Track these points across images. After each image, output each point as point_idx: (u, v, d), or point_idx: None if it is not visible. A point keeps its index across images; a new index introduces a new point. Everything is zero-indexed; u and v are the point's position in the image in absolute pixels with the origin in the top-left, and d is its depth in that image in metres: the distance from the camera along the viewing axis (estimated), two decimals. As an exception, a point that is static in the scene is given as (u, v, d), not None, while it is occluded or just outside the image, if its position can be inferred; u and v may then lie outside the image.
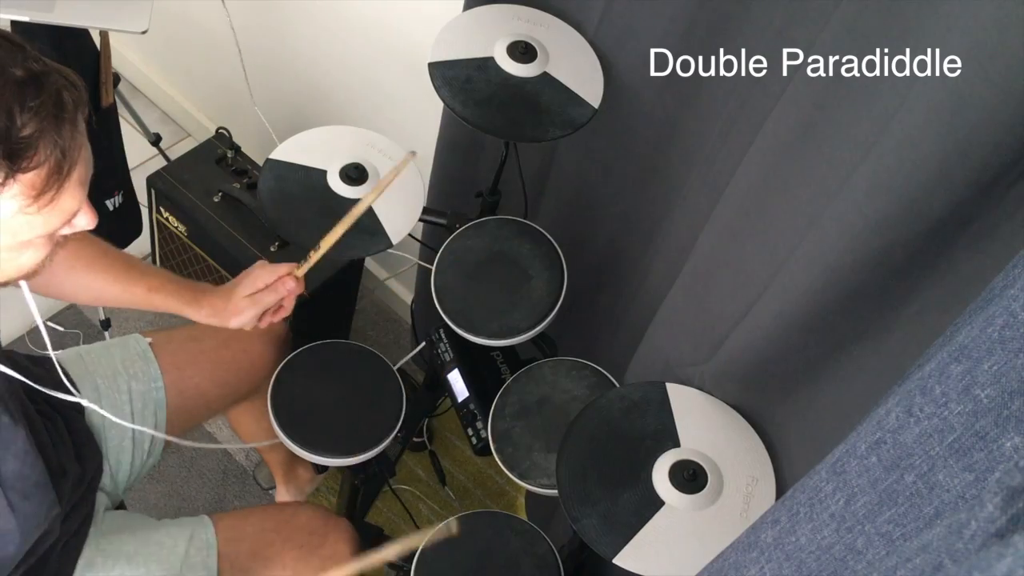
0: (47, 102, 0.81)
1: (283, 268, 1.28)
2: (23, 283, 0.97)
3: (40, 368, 1.23)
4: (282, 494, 1.86)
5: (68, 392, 1.25)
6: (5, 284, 0.92)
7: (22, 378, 1.02)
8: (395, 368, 1.46)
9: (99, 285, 1.23)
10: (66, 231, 0.91)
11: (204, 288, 1.29)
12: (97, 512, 1.25)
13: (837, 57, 0.87)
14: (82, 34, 1.79)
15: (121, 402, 1.31)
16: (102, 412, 1.19)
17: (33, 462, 1.05)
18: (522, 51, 1.28)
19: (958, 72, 0.69)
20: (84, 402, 1.15)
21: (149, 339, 1.39)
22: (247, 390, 1.48)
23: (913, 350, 0.71)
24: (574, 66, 1.30)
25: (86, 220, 0.90)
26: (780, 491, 1.08)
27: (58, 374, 1.18)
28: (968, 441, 0.52)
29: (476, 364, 1.47)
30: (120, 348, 1.35)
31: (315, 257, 1.26)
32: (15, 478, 1.02)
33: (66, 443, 1.18)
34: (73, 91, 0.84)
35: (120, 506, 1.40)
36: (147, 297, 1.26)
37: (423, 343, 1.53)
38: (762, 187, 1.01)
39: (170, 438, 1.33)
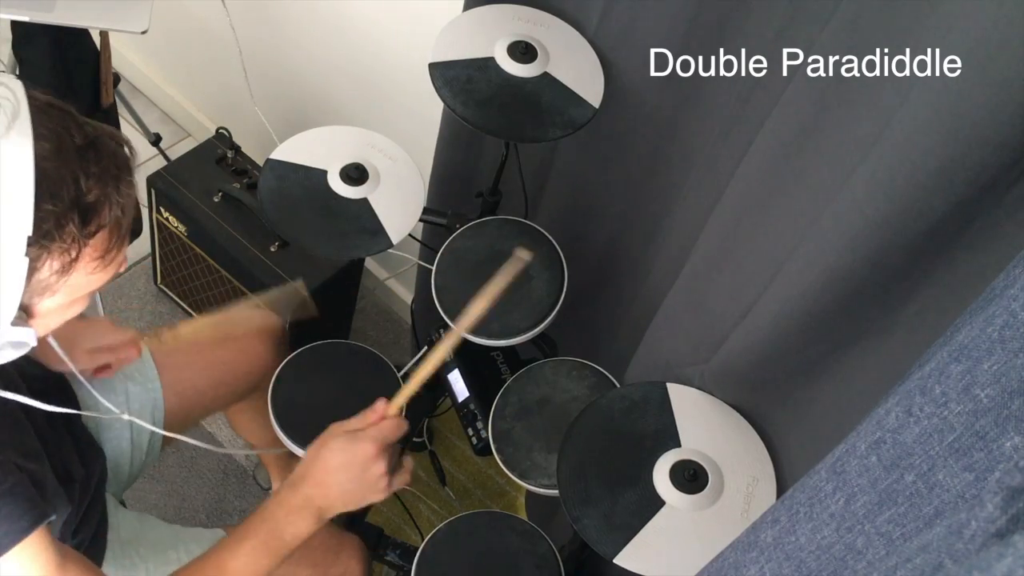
0: (108, 166, 0.82)
1: (129, 334, 1.26)
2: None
3: (37, 369, 1.23)
4: None
5: (68, 394, 1.25)
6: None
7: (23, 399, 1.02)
8: (395, 368, 1.46)
9: None
10: None
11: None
12: (111, 513, 1.26)
13: (837, 57, 0.87)
14: (82, 34, 1.80)
15: (118, 403, 1.31)
16: (134, 420, 1.17)
17: (41, 467, 1.05)
18: (522, 51, 1.28)
19: (958, 72, 0.69)
20: (117, 413, 1.14)
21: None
22: (244, 390, 1.48)
23: (913, 350, 0.71)
24: (574, 66, 1.30)
25: (123, 267, 0.91)
26: (780, 491, 1.08)
27: (57, 378, 1.19)
28: (968, 441, 0.52)
29: (476, 364, 1.47)
30: None
31: (164, 339, 1.26)
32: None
33: (68, 446, 1.18)
34: (123, 150, 0.85)
35: (121, 504, 1.40)
36: None
37: (424, 347, 1.53)
38: (762, 187, 1.01)
39: (171, 435, 1.33)
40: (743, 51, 1.11)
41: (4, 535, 0.89)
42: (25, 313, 0.83)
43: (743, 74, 1.12)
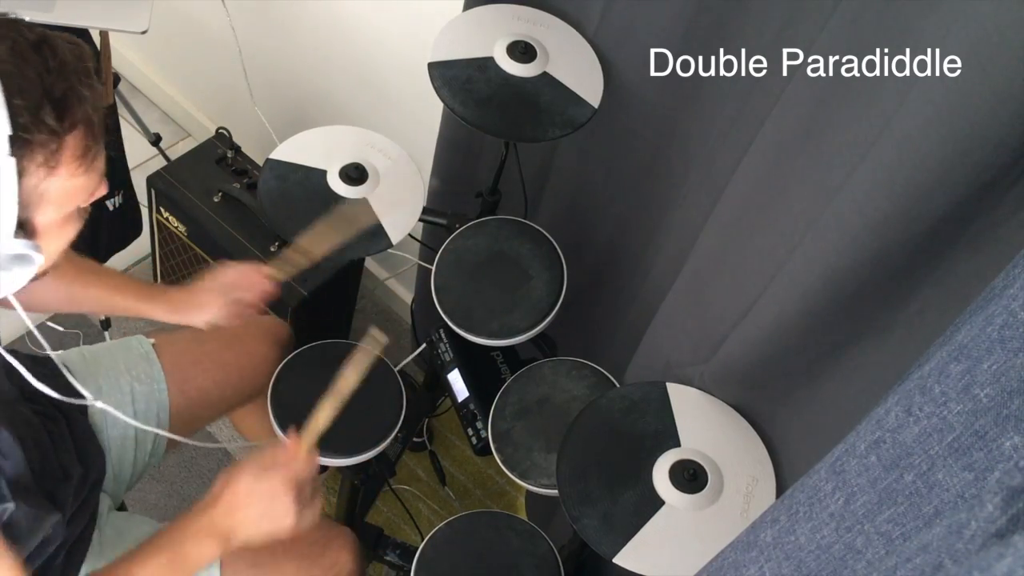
0: (65, 60, 0.83)
1: (251, 266, 1.28)
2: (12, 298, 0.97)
3: (42, 368, 1.23)
4: None
5: (71, 392, 1.25)
6: (42, 275, 0.93)
7: (28, 375, 1.02)
8: (395, 368, 1.46)
9: (61, 287, 1.23)
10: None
11: (162, 286, 1.29)
12: (101, 514, 1.25)
13: (837, 57, 0.87)
14: (82, 34, 1.80)
15: (124, 403, 1.31)
16: (106, 408, 1.18)
17: (15, 466, 1.05)
18: (522, 51, 1.28)
19: (958, 72, 0.69)
20: (90, 399, 1.15)
21: (152, 340, 1.39)
22: (250, 392, 1.48)
23: (913, 350, 0.71)
24: (574, 66, 1.30)
25: (104, 187, 0.92)
26: (780, 491, 1.08)
27: (59, 374, 1.18)
28: (968, 440, 0.52)
29: (476, 364, 1.47)
30: (123, 349, 1.35)
31: (296, 261, 1.27)
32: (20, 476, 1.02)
33: (68, 444, 1.18)
34: (77, 47, 0.86)
35: (120, 507, 1.40)
36: (107, 298, 1.27)
37: (423, 345, 1.53)
38: (762, 187, 1.01)
39: (174, 437, 1.33)
40: (743, 51, 1.11)
41: None
42: (24, 230, 0.84)
43: (743, 74, 1.12)
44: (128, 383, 1.32)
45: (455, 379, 1.46)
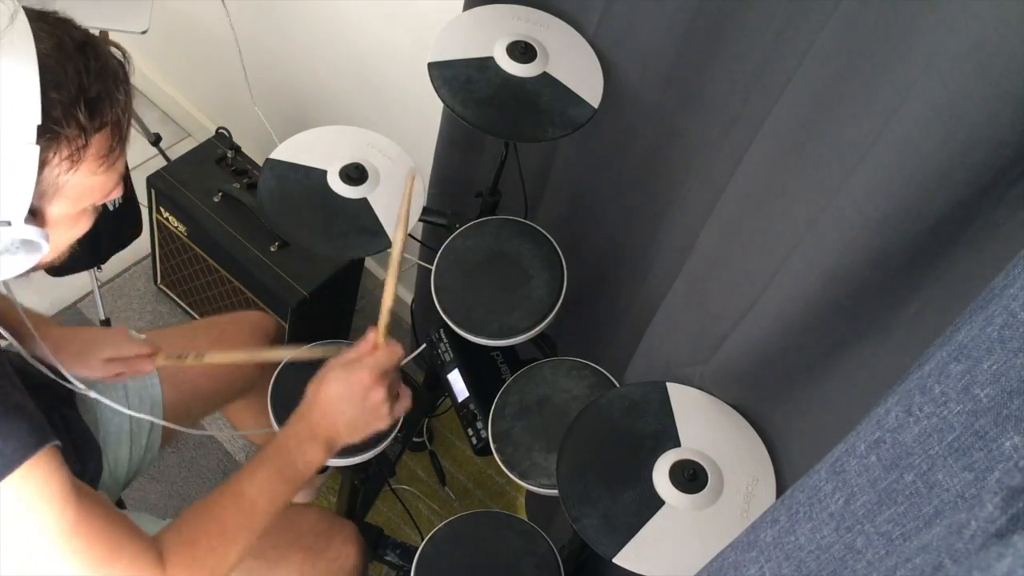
0: (105, 64, 0.86)
1: (147, 347, 1.27)
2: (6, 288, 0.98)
3: (32, 366, 1.23)
4: None
5: (66, 386, 1.24)
6: (38, 268, 0.93)
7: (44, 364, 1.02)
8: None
9: None
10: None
11: (58, 326, 1.27)
12: None
13: (837, 57, 0.87)
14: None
15: (118, 398, 1.31)
16: (99, 398, 1.18)
17: None
18: (522, 51, 1.28)
19: (958, 72, 0.69)
20: (91, 393, 1.14)
21: (143, 336, 1.39)
22: (241, 385, 1.48)
23: (913, 350, 0.71)
24: (574, 66, 1.30)
25: (119, 189, 0.94)
26: (780, 491, 1.08)
27: (55, 371, 1.18)
28: (968, 440, 0.52)
29: (476, 364, 1.47)
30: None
31: (187, 362, 1.26)
32: None
33: (63, 440, 1.18)
34: (118, 52, 0.89)
35: (119, 504, 1.40)
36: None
37: (423, 344, 1.53)
38: (762, 187, 1.01)
39: (170, 425, 1.33)
40: (743, 51, 1.11)
41: (13, 451, 0.87)
42: (35, 216, 0.85)
43: (743, 74, 1.12)
44: (123, 383, 1.32)
45: (455, 379, 1.46)
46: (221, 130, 1.97)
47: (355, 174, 1.37)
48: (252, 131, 2.00)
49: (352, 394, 1.08)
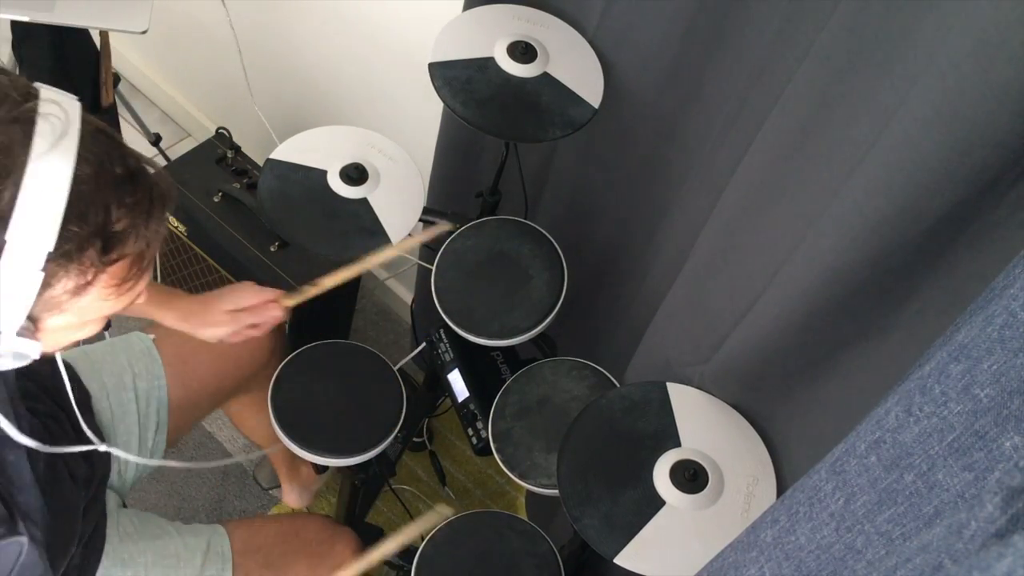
0: (142, 199, 0.82)
1: (270, 293, 1.28)
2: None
3: (45, 366, 1.23)
4: (288, 492, 1.86)
5: (77, 390, 1.25)
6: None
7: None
8: (395, 368, 1.46)
9: None
10: None
11: (176, 292, 1.29)
12: (111, 512, 1.26)
13: (837, 57, 0.87)
14: (82, 34, 1.80)
15: (127, 399, 1.32)
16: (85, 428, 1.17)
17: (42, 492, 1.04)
18: (522, 51, 1.28)
19: (958, 72, 0.69)
20: (95, 442, 1.14)
21: (152, 336, 1.39)
22: (246, 379, 1.48)
23: (913, 350, 0.71)
24: (574, 66, 1.30)
25: (143, 297, 0.91)
26: (781, 491, 1.08)
27: (72, 371, 1.19)
28: (968, 440, 0.52)
29: (476, 364, 1.47)
30: (124, 346, 1.36)
31: (310, 293, 1.26)
32: (33, 511, 1.01)
33: (72, 443, 1.18)
34: (163, 186, 0.85)
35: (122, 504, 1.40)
36: None
37: (423, 344, 1.53)
38: (762, 187, 1.01)
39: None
40: (743, 51, 1.11)
41: None
42: (32, 324, 0.82)
43: (743, 74, 1.12)
44: (131, 379, 1.33)
45: (455, 379, 1.46)
46: (221, 130, 1.97)
47: (355, 174, 1.37)
48: (252, 131, 2.00)
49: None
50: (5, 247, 0.75)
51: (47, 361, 1.22)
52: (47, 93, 0.79)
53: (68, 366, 1.27)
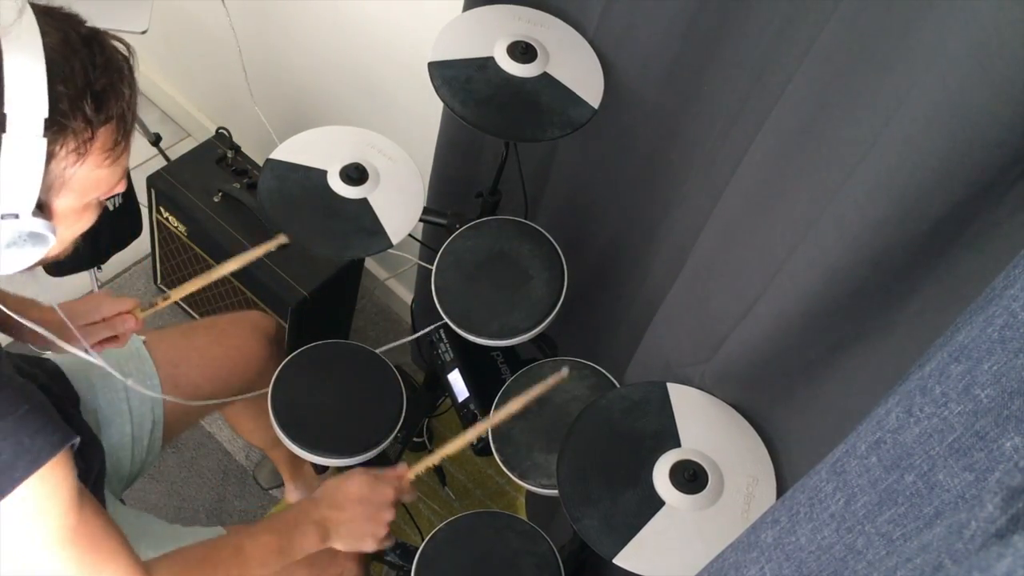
0: (112, 57, 0.87)
1: (126, 304, 1.26)
2: None
3: (37, 369, 1.23)
4: (290, 491, 1.86)
5: (70, 395, 1.25)
6: (41, 263, 0.93)
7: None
8: (395, 368, 1.46)
9: None
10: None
11: (30, 302, 1.26)
12: (110, 511, 1.26)
13: (837, 57, 0.87)
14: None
15: (118, 400, 1.31)
16: (103, 364, 1.16)
17: None
18: (522, 51, 1.28)
19: (958, 72, 0.69)
20: (85, 354, 1.13)
21: (143, 337, 1.39)
22: (240, 386, 1.48)
23: (913, 350, 0.71)
24: (574, 66, 1.30)
25: (124, 183, 0.95)
26: (781, 491, 1.08)
27: (56, 376, 1.18)
28: (968, 441, 0.52)
29: (476, 364, 1.47)
30: (115, 349, 1.35)
31: (161, 305, 1.25)
32: None
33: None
34: (122, 46, 0.90)
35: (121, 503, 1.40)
36: None
37: (421, 331, 1.53)
38: (762, 187, 1.01)
39: (169, 398, 1.33)
40: (743, 51, 1.11)
41: (40, 448, 0.89)
42: (42, 210, 0.86)
43: (743, 74, 1.12)
44: (121, 381, 1.32)
45: (455, 379, 1.46)
46: (221, 130, 1.97)
47: (355, 174, 1.37)
48: (252, 131, 2.00)
49: (371, 501, 1.17)
50: (6, 121, 0.78)
51: (38, 364, 1.22)
52: None
53: (57, 368, 1.27)
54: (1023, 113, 0.66)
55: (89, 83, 0.83)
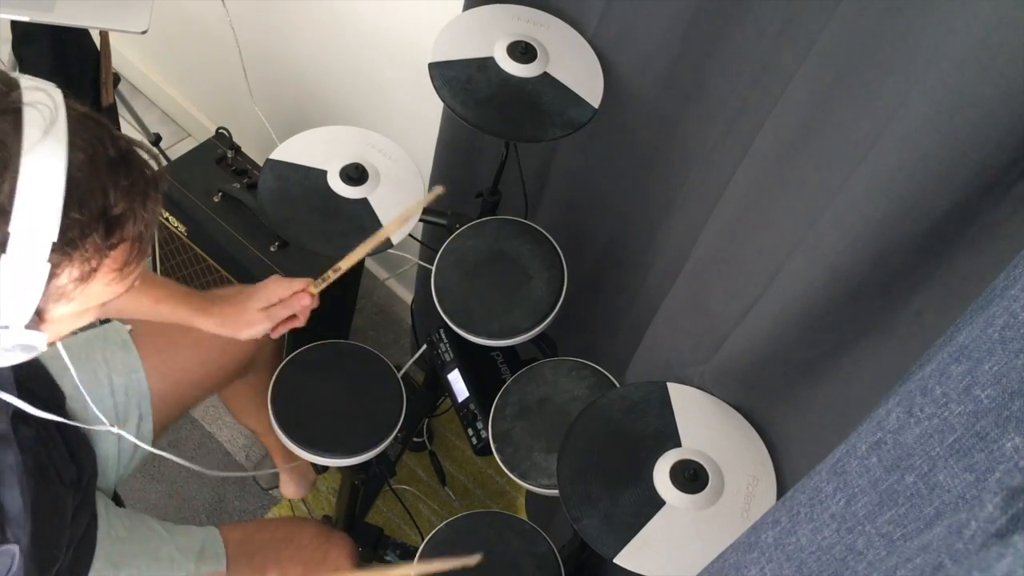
0: (137, 180, 0.82)
1: (298, 283, 1.28)
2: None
3: (23, 369, 1.22)
4: (285, 483, 1.86)
5: (56, 391, 1.24)
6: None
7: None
8: (399, 373, 1.46)
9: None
10: None
11: (212, 297, 1.29)
12: (100, 514, 1.25)
13: (837, 57, 0.87)
14: (82, 34, 1.80)
15: (103, 396, 1.30)
16: (90, 402, 1.17)
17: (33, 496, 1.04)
18: (522, 51, 1.28)
19: (959, 72, 0.69)
20: (89, 409, 1.15)
21: (129, 327, 1.38)
22: (233, 368, 1.47)
23: (913, 350, 0.71)
24: (574, 66, 1.30)
25: (140, 280, 0.91)
26: (781, 491, 1.08)
27: (44, 371, 1.18)
28: (968, 442, 0.52)
29: (476, 364, 1.47)
30: (100, 340, 1.34)
31: (333, 277, 1.26)
32: (17, 515, 1.01)
33: (57, 445, 1.18)
34: (154, 167, 0.86)
35: (117, 501, 1.39)
36: (154, 308, 1.26)
37: (424, 346, 1.53)
38: (762, 187, 1.01)
39: (157, 451, 1.32)
40: (743, 51, 1.11)
41: None
42: (38, 317, 0.83)
43: (743, 74, 1.12)
44: (106, 375, 1.31)
45: (455, 379, 1.46)
46: (221, 130, 1.97)
47: (355, 174, 1.37)
48: (252, 131, 1.99)
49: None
50: (9, 240, 0.75)
51: (26, 364, 1.21)
52: (28, 82, 0.79)
53: (41, 366, 1.26)
54: (1023, 113, 0.66)
55: (106, 209, 0.79)
